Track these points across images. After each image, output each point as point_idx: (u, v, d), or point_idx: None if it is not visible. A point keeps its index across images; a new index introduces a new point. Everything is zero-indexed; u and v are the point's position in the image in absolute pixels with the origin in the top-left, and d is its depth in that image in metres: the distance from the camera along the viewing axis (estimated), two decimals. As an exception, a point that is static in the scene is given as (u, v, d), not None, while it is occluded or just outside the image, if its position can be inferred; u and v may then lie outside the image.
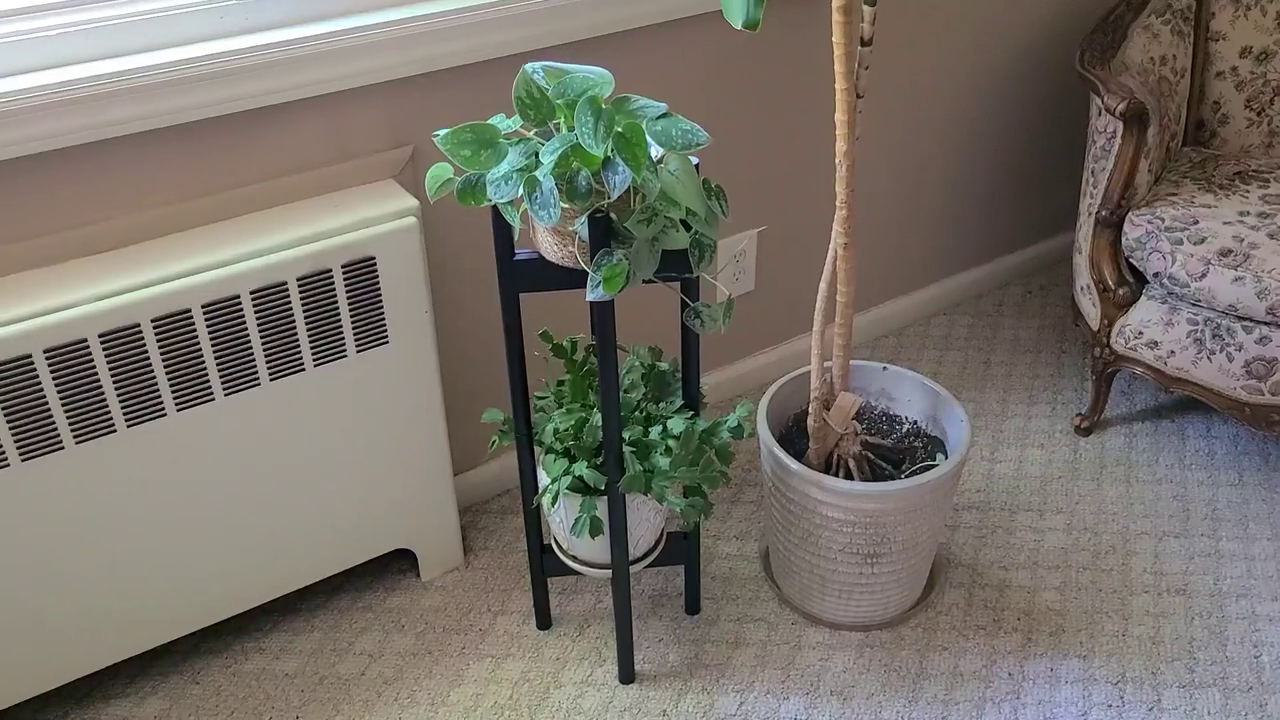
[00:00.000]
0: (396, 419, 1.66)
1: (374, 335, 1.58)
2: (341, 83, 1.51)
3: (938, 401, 1.73)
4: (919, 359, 2.32)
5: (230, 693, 1.63)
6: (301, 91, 1.49)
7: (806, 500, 1.61)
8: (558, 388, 1.58)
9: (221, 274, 1.43)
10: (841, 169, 1.52)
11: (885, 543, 1.62)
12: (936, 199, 2.32)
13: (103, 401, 1.41)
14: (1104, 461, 2.04)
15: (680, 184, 1.26)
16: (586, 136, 1.19)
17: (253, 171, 1.52)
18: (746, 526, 1.92)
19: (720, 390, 2.19)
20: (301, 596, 1.79)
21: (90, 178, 1.41)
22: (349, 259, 1.51)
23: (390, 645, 1.71)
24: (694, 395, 1.55)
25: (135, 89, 1.37)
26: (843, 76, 1.46)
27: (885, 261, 2.32)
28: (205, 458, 1.52)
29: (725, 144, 1.95)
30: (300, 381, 1.55)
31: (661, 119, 1.26)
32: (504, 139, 1.29)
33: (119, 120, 1.38)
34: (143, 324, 1.40)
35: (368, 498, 1.69)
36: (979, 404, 2.19)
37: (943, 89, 2.19)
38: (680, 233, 1.30)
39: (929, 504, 1.61)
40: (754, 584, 1.81)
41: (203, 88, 1.41)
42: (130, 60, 1.38)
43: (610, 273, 1.26)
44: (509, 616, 1.76)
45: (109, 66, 1.36)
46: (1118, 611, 1.75)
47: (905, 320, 2.41)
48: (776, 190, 2.06)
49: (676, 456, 1.45)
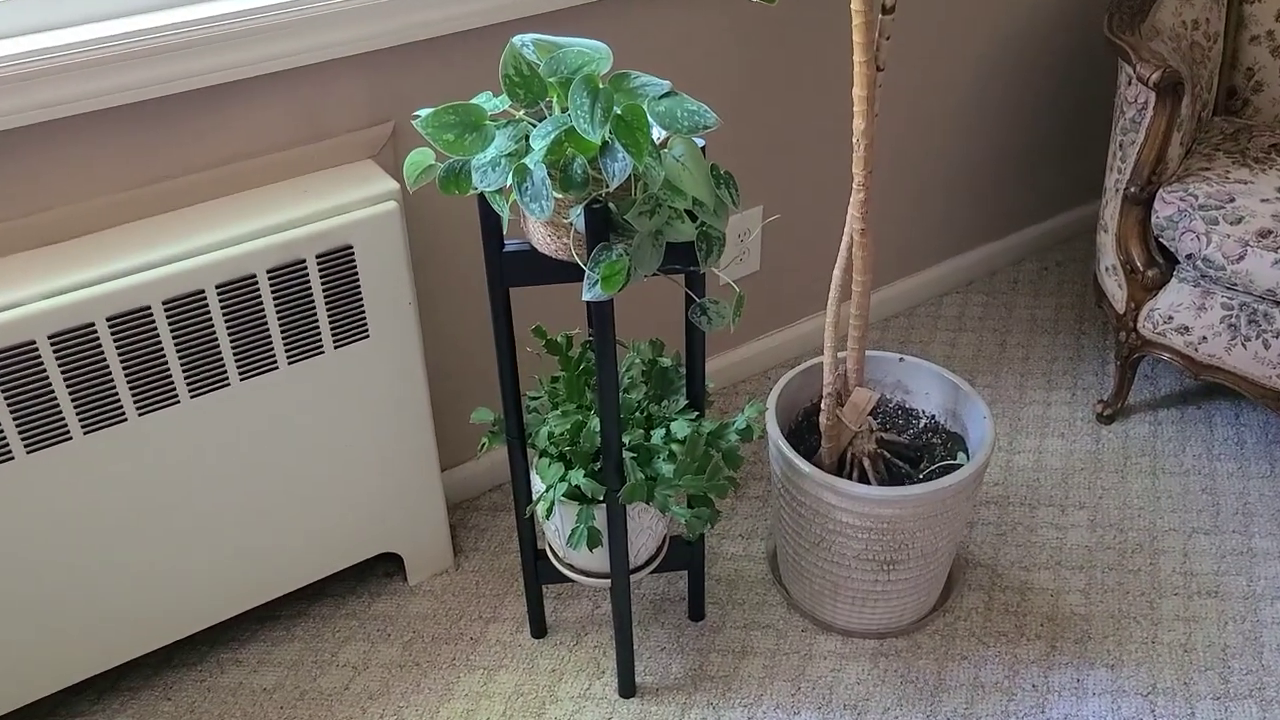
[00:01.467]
0: (379, 417, 1.54)
1: (353, 329, 1.46)
2: (311, 55, 1.38)
3: (958, 395, 1.62)
4: (931, 340, 2.21)
5: (205, 709, 1.53)
6: (267, 66, 1.36)
7: (819, 505, 1.50)
8: (552, 385, 1.47)
9: (184, 267, 1.31)
10: (859, 148, 1.39)
11: (903, 549, 1.51)
12: (948, 172, 2.19)
13: (55, 406, 1.29)
14: (1128, 452, 1.94)
15: (686, 171, 1.14)
16: (582, 120, 1.07)
17: (215, 154, 1.39)
18: (753, 524, 1.82)
19: (722, 377, 2.08)
20: (281, 603, 1.68)
21: (31, 164, 1.28)
22: (324, 248, 1.39)
23: (376, 656, 1.61)
24: (699, 394, 1.43)
25: (78, 65, 1.24)
26: (862, 48, 1.33)
27: (895, 238, 2.20)
28: (171, 463, 1.40)
29: (733, 118, 1.82)
30: (273, 380, 1.43)
31: (665, 98, 1.14)
32: (491, 121, 1.16)
33: (61, 100, 1.25)
34: (97, 323, 1.28)
35: (350, 500, 1.58)
36: (995, 389, 2.08)
37: (958, 55, 2.06)
38: (686, 224, 1.18)
39: (950, 509, 1.50)
40: (761, 587, 1.71)
41: (155, 63, 1.28)
42: (71, 33, 1.25)
43: (609, 270, 1.14)
44: (501, 624, 1.65)
45: (47, 40, 1.23)
46: (1146, 616, 1.65)
47: (917, 299, 2.30)
48: (783, 166, 1.94)
49: (681, 464, 1.34)
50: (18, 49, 1.21)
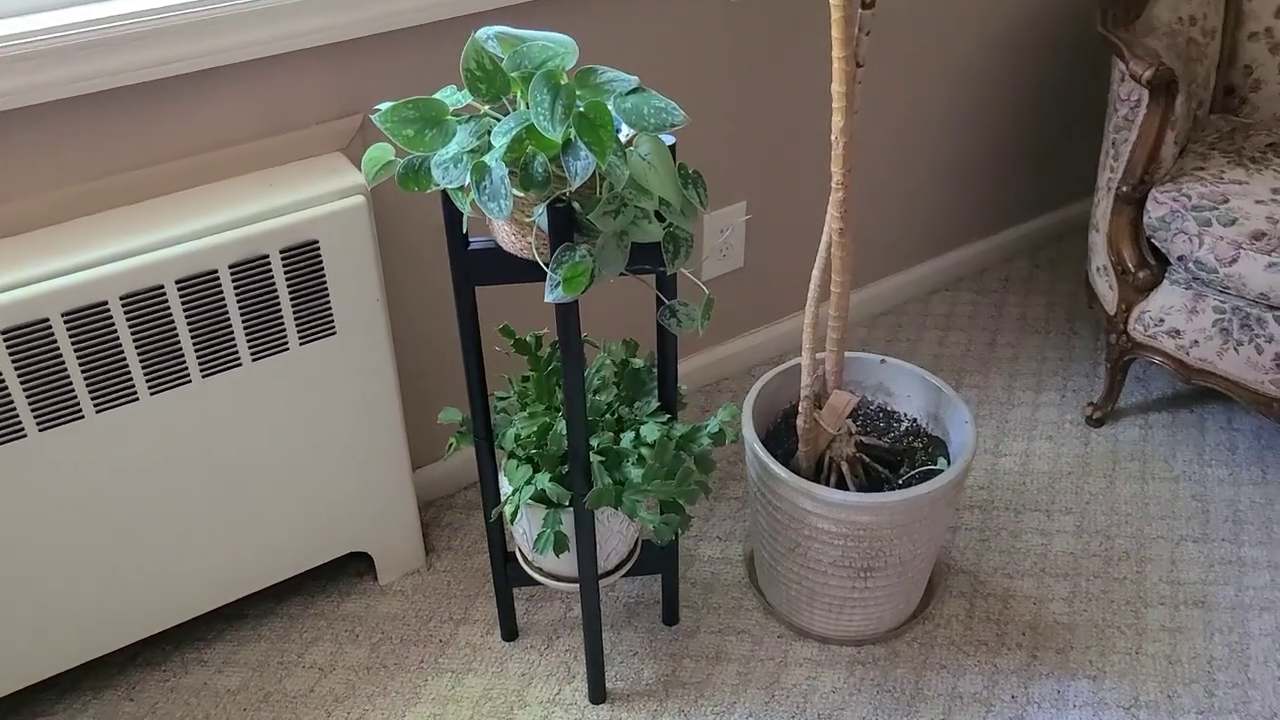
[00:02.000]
0: (347, 415, 1.51)
1: (319, 326, 1.43)
2: (278, 45, 1.34)
3: (940, 399, 1.59)
4: (919, 339, 2.17)
5: (166, 710, 1.51)
6: (232, 55, 1.32)
7: (795, 510, 1.47)
8: (521, 385, 1.43)
9: (141, 262, 1.27)
10: (838, 146, 1.36)
11: (880, 556, 1.48)
12: (937, 167, 2.15)
13: (9, 402, 1.26)
14: (1117, 456, 1.90)
15: (652, 170, 1.10)
16: (542, 117, 1.03)
17: (179, 146, 1.36)
18: (730, 526, 1.79)
19: (705, 374, 2.05)
20: (250, 601, 1.65)
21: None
22: (288, 243, 1.36)
23: (343, 658, 1.58)
24: (671, 397, 1.40)
25: (36, 53, 1.20)
26: (840, 44, 1.29)
27: (883, 234, 2.16)
28: (131, 459, 1.37)
29: (715, 113, 1.78)
30: (237, 377, 1.40)
31: (632, 95, 1.10)
32: (453, 116, 1.13)
33: (17, 89, 1.21)
34: (52, 318, 1.25)
35: (318, 499, 1.55)
36: (983, 390, 2.04)
37: (948, 49, 2.02)
38: (653, 224, 1.14)
39: (928, 516, 1.47)
40: (737, 591, 1.68)
41: (116, 51, 1.24)
42: (30, 20, 1.21)
43: (572, 272, 1.11)
44: (472, 626, 1.62)
45: (3, 28, 1.19)
46: (1131, 626, 1.62)
47: (905, 296, 2.26)
48: (768, 161, 1.90)
49: (650, 469, 1.31)
50: (-31, 36, 1.18)
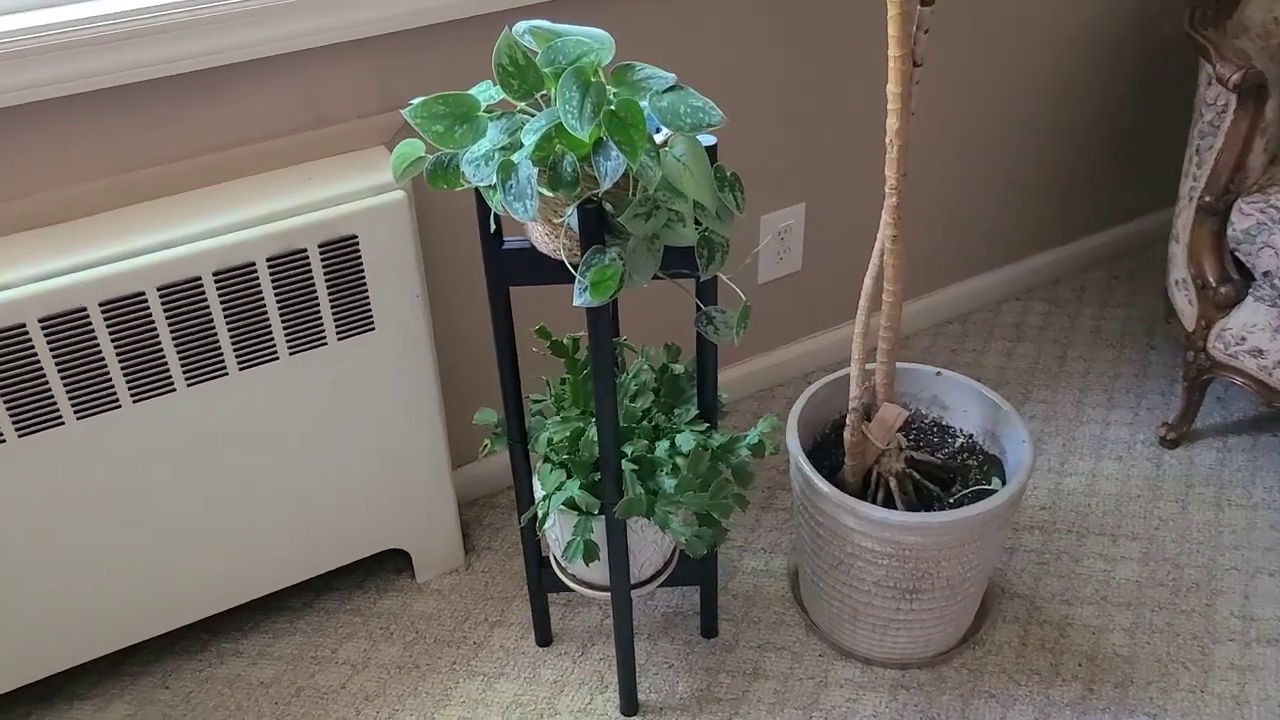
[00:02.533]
0: (386, 411, 1.50)
1: (357, 321, 1.41)
2: (318, 37, 1.33)
3: (997, 415, 1.52)
4: (985, 350, 2.09)
5: (200, 700, 1.51)
6: (273, 48, 1.31)
7: (837, 526, 1.41)
8: (559, 388, 1.40)
9: (179, 253, 1.27)
10: (892, 149, 1.30)
11: (926, 578, 1.42)
12: (1011, 171, 2.07)
13: (47, 390, 1.27)
14: (1191, 480, 1.80)
15: (687, 172, 1.06)
16: (571, 115, 0.99)
17: (218, 139, 1.35)
18: (777, 538, 1.73)
19: (759, 379, 1.99)
20: (288, 594, 1.65)
21: (28, 144, 1.25)
22: (326, 238, 1.34)
23: (376, 655, 1.57)
24: (710, 405, 1.35)
25: (76, 43, 1.20)
26: (897, 42, 1.23)
27: (950, 240, 2.08)
28: (169, 450, 1.37)
29: (770, 109, 1.73)
30: (274, 370, 1.39)
31: (669, 92, 1.06)
32: (486, 112, 1.10)
33: (59, 79, 1.22)
34: (89, 308, 1.25)
35: (355, 495, 1.54)
36: (1050, 405, 1.95)
37: (1020, 46, 1.93)
38: (686, 227, 1.10)
39: (978, 538, 1.40)
40: (780, 606, 1.63)
41: (156, 42, 1.24)
42: (71, 10, 1.21)
43: (599, 275, 1.07)
44: (507, 629, 1.60)
45: (45, 18, 1.20)
46: (1197, 663, 1.53)
47: (972, 305, 2.18)
48: (830, 162, 1.84)
49: (683, 479, 1.27)
50: (13, 26, 1.18)
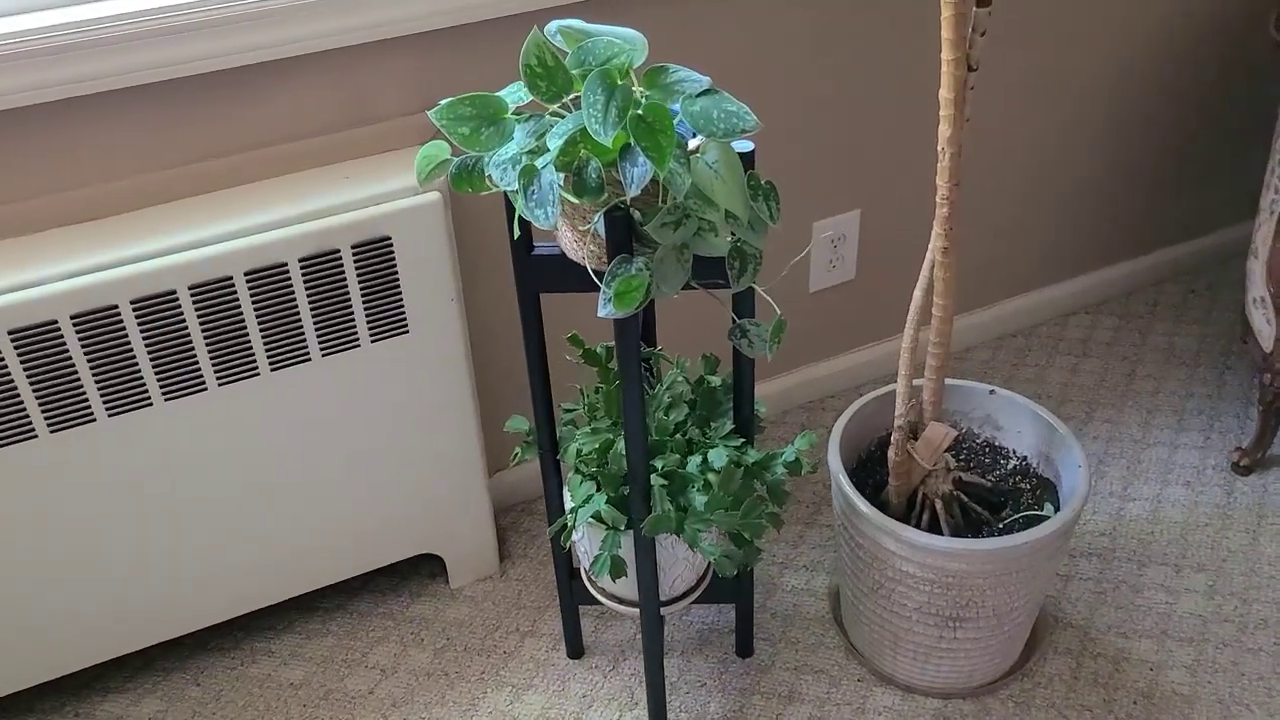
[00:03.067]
0: (420, 414, 1.48)
1: (391, 323, 1.39)
2: (359, 35, 1.31)
3: (1053, 437, 1.44)
4: (1049, 365, 2.00)
5: (230, 699, 1.51)
6: (311, 45, 1.29)
7: (877, 549, 1.36)
8: (593, 397, 1.37)
9: (210, 252, 1.26)
10: (944, 158, 1.24)
11: (971, 607, 1.35)
12: (1081, 179, 1.98)
13: (79, 387, 1.27)
14: (1264, 510, 1.70)
15: (719, 180, 1.01)
16: (594, 120, 0.96)
17: (254, 137, 1.34)
18: (819, 556, 1.68)
19: (809, 390, 1.94)
20: (322, 595, 1.64)
21: (64, 140, 1.25)
22: (360, 239, 1.32)
23: (405, 661, 1.55)
24: (746, 419, 1.30)
25: (114, 39, 1.20)
26: (950, 45, 1.17)
27: (1016, 249, 2.00)
28: (199, 448, 1.37)
29: (824, 112, 1.67)
30: (306, 371, 1.38)
31: (703, 96, 1.02)
32: (515, 115, 1.07)
33: (96, 75, 1.21)
34: (121, 306, 1.25)
35: (388, 498, 1.52)
36: (1115, 425, 1.87)
37: (1092, 49, 1.84)
38: (717, 237, 1.05)
39: (1026, 567, 1.33)
40: (819, 627, 1.57)
41: (193, 38, 1.23)
42: (108, 6, 1.21)
43: (624, 286, 1.03)
44: (538, 639, 1.57)
45: (82, 13, 1.19)
46: (1262, 705, 1.44)
47: (1037, 318, 2.09)
48: (886, 168, 1.77)
49: (713, 497, 1.22)
50: (53, 21, 1.18)
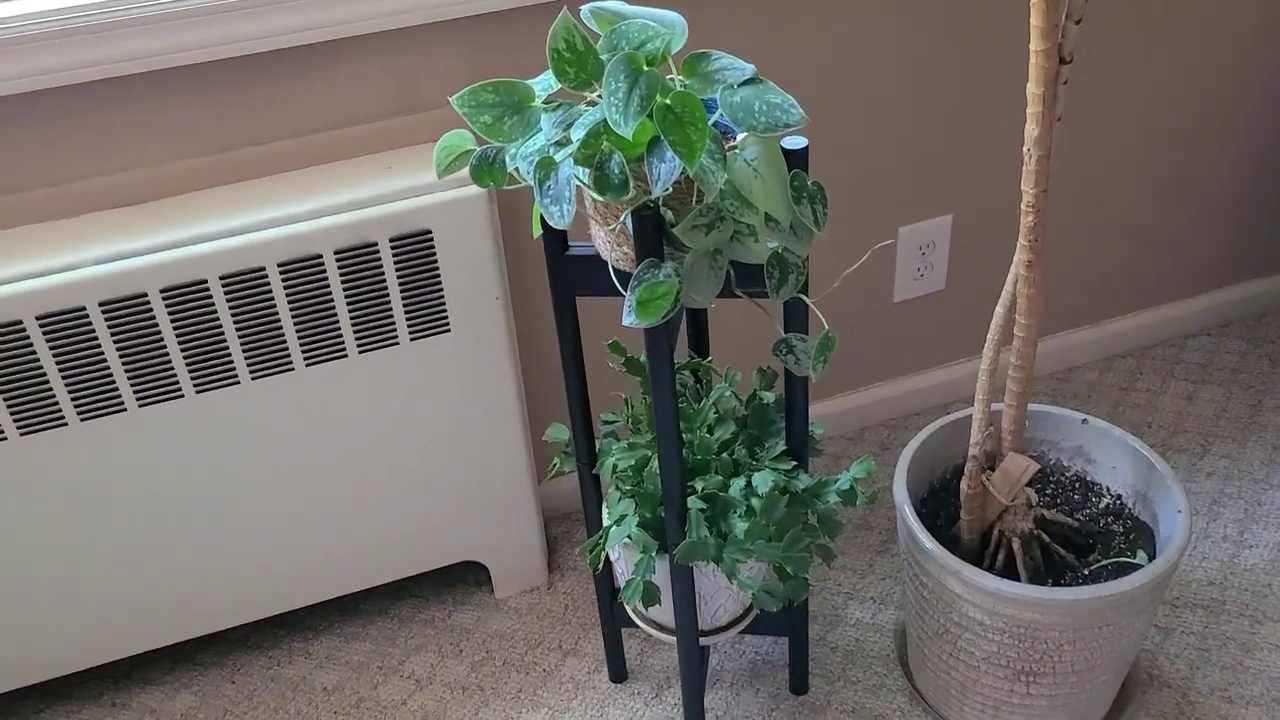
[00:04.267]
0: (463, 417, 1.41)
1: (432, 321, 1.33)
2: (410, 17, 1.24)
3: (1152, 476, 1.29)
4: (1162, 391, 1.82)
5: (263, 699, 1.47)
6: (358, 27, 1.23)
7: (943, 590, 1.23)
8: (637, 408, 1.28)
9: (242, 242, 1.21)
10: (1030, 160, 1.10)
11: (1047, 661, 1.22)
12: (1215, 185, 1.79)
13: (108, 376, 1.24)
14: (1403, 567, 1.51)
15: (758, 180, 0.91)
16: (615, 109, 0.86)
17: (292, 123, 1.29)
18: (889, 588, 1.55)
19: (891, 408, 1.80)
20: (364, 597, 1.59)
21: (98, 123, 1.22)
22: (398, 232, 1.26)
23: (442, 673, 1.49)
24: (799, 440, 1.19)
25: (155, 17, 1.16)
26: (1040, 34, 1.04)
27: (1131, 262, 1.82)
28: (233, 442, 1.33)
29: (911, 110, 1.54)
30: (342, 368, 1.32)
31: (745, 86, 0.92)
32: (545, 104, 0.98)
33: (136, 55, 1.18)
34: (150, 294, 1.21)
35: (429, 501, 1.46)
36: (1234, 462, 1.68)
37: (1229, 29, 1.66)
38: (756, 242, 0.95)
39: (1113, 621, 1.19)
40: (882, 666, 1.45)
41: (236, 18, 1.18)
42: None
43: (648, 293, 0.93)
44: (580, 659, 1.49)
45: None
46: (1385, 794, 1.26)
47: (1152, 338, 1.91)
48: (983, 165, 1.63)
49: (753, 525, 1.12)
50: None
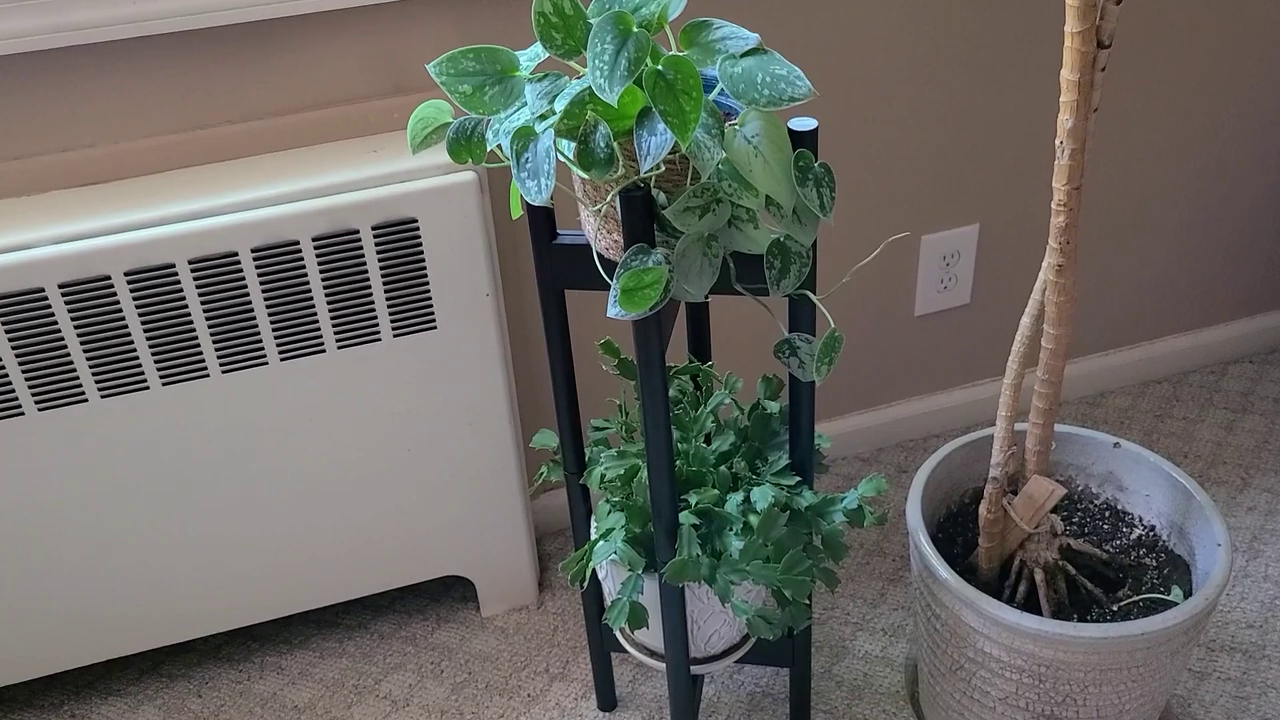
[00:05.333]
0: (448, 421, 1.32)
1: (416, 317, 1.25)
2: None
3: (1189, 506, 1.18)
4: (1200, 419, 1.71)
5: (230, 716, 1.38)
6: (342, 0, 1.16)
7: (956, 623, 1.13)
8: (631, 414, 1.19)
9: (212, 224, 1.14)
10: (1063, 154, 1.01)
11: (1069, 704, 1.11)
12: (1252, 196, 1.69)
13: (68, 363, 1.16)
14: None
15: (758, 158, 0.82)
16: (599, 74, 0.78)
17: (271, 101, 1.21)
18: (901, 619, 1.45)
19: (911, 427, 1.70)
20: (345, 610, 1.51)
21: (60, 95, 1.15)
22: (381, 219, 1.18)
23: (420, 693, 1.39)
24: (804, 454, 1.10)
25: (123, -18, 1.09)
26: (1076, 14, 0.95)
27: (1170, 282, 1.72)
28: (200, 439, 1.25)
29: (934, 109, 1.45)
30: (319, 363, 1.24)
31: (748, 56, 0.83)
32: (532, 74, 0.90)
33: (104, 21, 1.10)
34: (114, 276, 1.13)
35: (412, 511, 1.37)
36: (1277, 495, 1.57)
37: (1275, 13, 1.56)
38: (756, 229, 0.86)
39: (1143, 663, 1.08)
40: (891, 704, 1.34)
41: (209, -14, 1.12)
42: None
43: (634, 281, 0.84)
44: (567, 684, 1.39)
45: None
46: None
47: (1190, 363, 1.80)
48: (1011, 171, 1.53)
49: (749, 544, 1.02)
50: (55, -39, 1.08)
